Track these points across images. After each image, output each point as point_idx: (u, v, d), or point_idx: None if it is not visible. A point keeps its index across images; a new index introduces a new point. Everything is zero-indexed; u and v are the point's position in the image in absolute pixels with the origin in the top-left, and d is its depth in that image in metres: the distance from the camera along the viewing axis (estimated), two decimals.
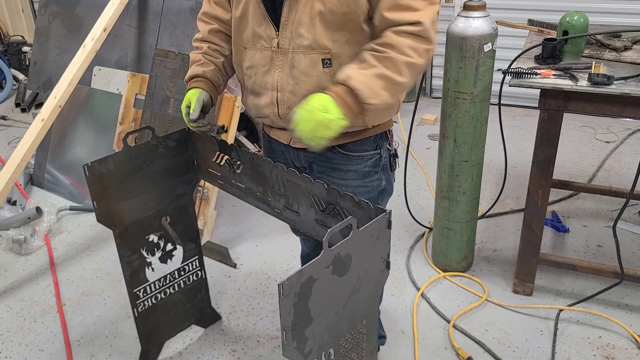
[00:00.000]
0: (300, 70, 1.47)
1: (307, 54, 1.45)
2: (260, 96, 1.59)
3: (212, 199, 2.75)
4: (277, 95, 1.53)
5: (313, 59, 1.45)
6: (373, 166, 1.65)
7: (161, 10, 3.10)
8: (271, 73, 1.52)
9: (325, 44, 1.43)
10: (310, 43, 1.44)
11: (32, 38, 3.73)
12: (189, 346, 2.22)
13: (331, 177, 1.67)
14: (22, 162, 2.70)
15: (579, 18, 2.14)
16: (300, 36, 1.44)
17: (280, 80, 1.51)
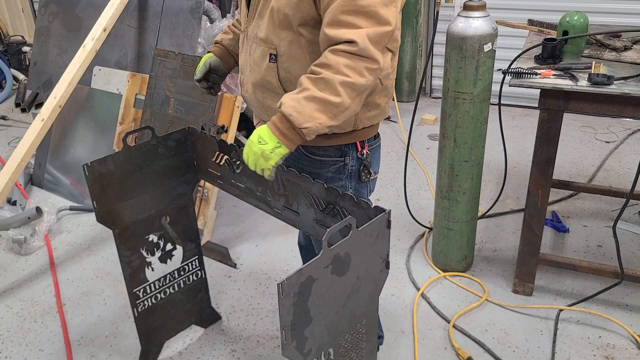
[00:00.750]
0: (254, 59, 1.57)
1: (260, 46, 1.54)
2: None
3: (212, 199, 2.75)
4: (240, 77, 1.66)
5: (263, 51, 1.53)
6: (336, 172, 1.63)
7: (161, 10, 3.10)
8: (242, 55, 1.64)
9: (274, 40, 1.49)
10: (264, 36, 1.52)
11: (32, 38, 3.73)
12: (189, 346, 2.22)
13: None
14: (22, 162, 2.70)
15: (579, 18, 2.14)
16: (258, 27, 1.53)
17: (244, 63, 1.62)
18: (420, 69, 4.45)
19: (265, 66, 1.52)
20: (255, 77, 1.56)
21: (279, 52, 1.49)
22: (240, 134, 3.45)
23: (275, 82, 1.52)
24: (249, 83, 1.60)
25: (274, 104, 1.50)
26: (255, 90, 1.58)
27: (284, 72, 1.50)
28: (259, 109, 1.64)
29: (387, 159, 3.58)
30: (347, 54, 1.33)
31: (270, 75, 1.52)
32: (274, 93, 1.54)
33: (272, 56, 1.50)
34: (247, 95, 1.64)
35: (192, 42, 3.00)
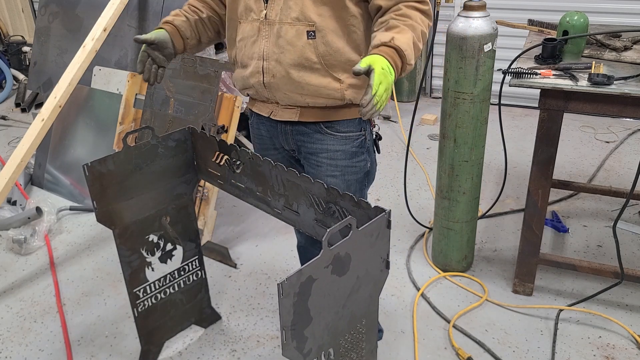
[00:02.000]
0: (286, 40, 1.57)
1: (294, 25, 1.55)
2: (247, 67, 1.68)
3: (212, 199, 2.75)
4: (262, 64, 1.63)
5: (299, 30, 1.55)
6: (359, 147, 1.73)
7: (161, 10, 3.10)
8: (258, 43, 1.62)
9: (311, 17, 1.54)
10: (298, 15, 1.54)
11: (32, 38, 3.73)
12: (189, 346, 2.22)
13: (320, 158, 1.73)
14: (22, 162, 2.70)
15: (579, 18, 2.14)
16: (289, 8, 1.55)
17: (267, 49, 1.61)
18: (420, 69, 4.45)
19: (302, 44, 1.56)
20: (291, 57, 1.57)
21: (318, 28, 1.54)
22: (240, 134, 3.45)
23: (315, 58, 1.57)
24: (279, 67, 1.60)
25: (314, 80, 1.59)
26: (290, 71, 1.59)
27: (324, 46, 1.56)
28: (292, 90, 1.63)
29: (387, 159, 3.58)
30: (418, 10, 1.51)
31: (309, 52, 1.56)
32: (312, 69, 1.59)
33: (310, 33, 1.55)
34: (273, 81, 1.63)
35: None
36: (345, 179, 1.75)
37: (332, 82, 1.60)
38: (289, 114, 1.70)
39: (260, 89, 1.68)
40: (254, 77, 1.66)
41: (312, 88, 1.60)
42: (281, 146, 1.81)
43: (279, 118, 1.72)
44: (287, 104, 1.69)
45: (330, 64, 1.58)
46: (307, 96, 1.63)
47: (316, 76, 1.59)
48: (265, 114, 1.75)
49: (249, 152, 1.69)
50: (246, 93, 1.79)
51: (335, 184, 1.73)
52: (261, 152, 1.88)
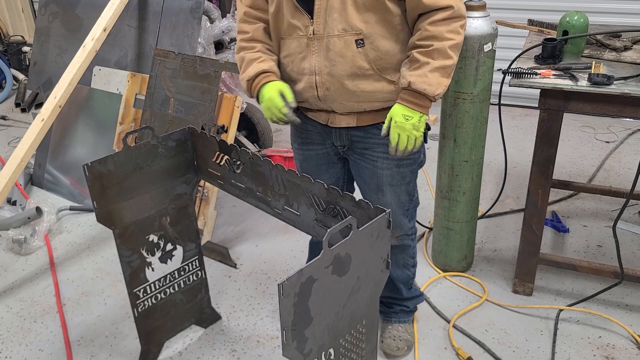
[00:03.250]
0: (336, 52, 1.58)
1: (341, 37, 1.57)
2: (298, 82, 1.69)
3: (212, 199, 2.75)
4: (315, 79, 1.64)
5: (347, 40, 1.57)
6: None
7: (161, 10, 3.10)
8: (308, 59, 1.63)
9: (357, 26, 1.56)
10: (344, 26, 1.56)
11: (32, 38, 3.73)
12: (189, 346, 2.22)
13: (375, 152, 1.76)
14: (22, 162, 2.70)
15: (579, 18, 2.14)
16: (334, 20, 1.56)
17: (318, 64, 1.62)
18: None
19: (352, 54, 1.58)
20: (344, 68, 1.60)
21: (365, 35, 1.57)
22: (240, 134, 3.45)
23: (367, 65, 1.59)
24: (332, 79, 1.62)
25: (368, 86, 1.62)
26: (345, 82, 1.61)
27: (374, 52, 1.59)
28: (348, 99, 1.65)
29: None
30: (445, 20, 1.53)
31: (360, 60, 1.59)
32: (366, 76, 1.61)
33: (358, 41, 1.57)
34: (328, 93, 1.65)
35: (192, 42, 3.00)
36: (400, 171, 1.78)
37: (386, 85, 1.63)
38: (346, 120, 1.72)
39: (315, 102, 1.70)
40: (307, 92, 1.68)
41: (367, 94, 1.63)
42: (331, 143, 1.82)
43: (337, 125, 1.74)
44: (344, 112, 1.71)
45: (382, 68, 1.61)
46: (363, 102, 1.66)
47: (370, 82, 1.62)
48: (321, 121, 1.78)
49: (249, 152, 1.69)
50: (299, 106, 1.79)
51: (391, 176, 1.78)
52: (301, 146, 1.91)
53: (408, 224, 1.94)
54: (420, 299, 2.20)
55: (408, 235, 1.97)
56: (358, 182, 1.90)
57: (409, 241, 1.99)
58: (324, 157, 1.88)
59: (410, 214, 1.93)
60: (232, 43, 3.49)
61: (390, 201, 1.83)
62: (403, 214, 1.89)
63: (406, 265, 2.04)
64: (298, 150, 1.93)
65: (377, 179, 1.80)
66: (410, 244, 2.00)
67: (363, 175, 1.84)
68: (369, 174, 1.81)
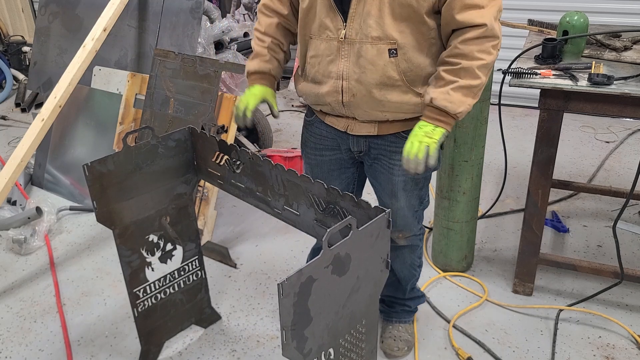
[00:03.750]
0: (367, 59, 1.55)
1: (375, 44, 1.54)
2: (322, 84, 1.66)
3: (212, 199, 2.75)
4: (342, 84, 1.61)
5: (380, 49, 1.54)
6: None
7: (161, 10, 3.10)
8: (336, 62, 1.60)
9: (393, 35, 1.53)
10: (379, 34, 1.53)
11: (32, 38, 3.73)
12: (189, 346, 2.22)
13: (392, 160, 1.74)
14: (22, 162, 2.70)
15: (579, 18, 2.14)
16: (369, 27, 1.53)
17: (346, 69, 1.59)
18: None
19: (384, 63, 1.55)
20: (373, 77, 1.57)
21: (399, 45, 1.54)
22: (240, 134, 3.45)
23: (397, 76, 1.57)
24: (360, 86, 1.59)
25: (395, 97, 1.59)
26: (373, 90, 1.59)
27: (405, 63, 1.56)
28: (372, 108, 1.63)
29: None
30: (477, 39, 1.50)
31: (391, 70, 1.56)
32: (394, 87, 1.59)
33: (392, 51, 1.54)
34: (353, 100, 1.62)
35: (192, 42, 3.00)
36: (415, 178, 1.77)
37: (413, 98, 1.61)
38: (367, 128, 1.70)
39: (338, 107, 1.67)
40: (331, 96, 1.65)
41: (393, 105, 1.61)
42: (347, 148, 1.80)
43: (356, 133, 1.72)
44: (365, 119, 1.68)
45: (411, 80, 1.59)
46: (387, 112, 1.64)
47: (398, 93, 1.59)
48: (340, 128, 1.75)
49: (249, 152, 1.69)
50: (319, 109, 1.77)
51: (404, 182, 1.77)
52: (313, 151, 1.88)
53: (417, 225, 1.93)
54: (422, 299, 2.20)
55: (417, 236, 1.96)
56: (374, 184, 1.88)
57: (418, 241, 1.99)
58: (337, 162, 1.86)
59: (419, 216, 1.93)
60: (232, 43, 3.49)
61: (403, 205, 1.82)
62: (412, 216, 1.89)
63: (413, 266, 2.04)
64: (310, 156, 1.90)
65: (392, 185, 1.79)
66: (419, 244, 2.00)
67: (379, 179, 1.82)
68: (384, 179, 1.80)
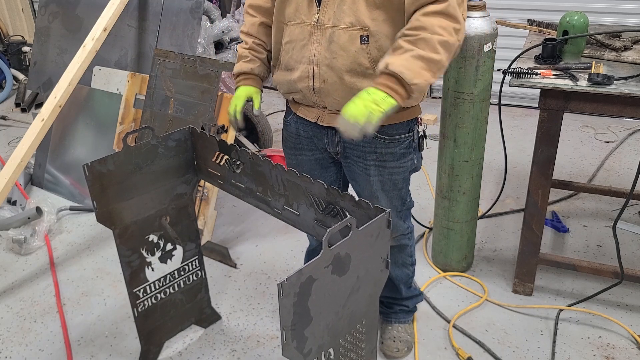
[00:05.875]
0: (339, 45, 1.56)
1: (347, 30, 1.54)
2: (294, 71, 1.66)
3: (212, 199, 2.75)
4: (313, 69, 1.61)
5: (352, 35, 1.54)
6: (407, 147, 1.76)
7: (161, 10, 3.10)
8: (308, 47, 1.60)
9: (365, 22, 1.53)
10: (352, 20, 1.53)
11: (32, 38, 3.73)
12: (189, 346, 2.22)
13: (368, 160, 1.75)
14: (22, 162, 2.70)
15: (579, 18, 2.14)
16: (342, 12, 1.53)
17: (318, 54, 1.59)
18: None
19: (355, 49, 1.55)
20: (344, 62, 1.57)
21: (371, 33, 1.53)
22: (240, 134, 3.45)
23: (368, 63, 1.57)
24: (331, 72, 1.59)
25: (365, 85, 1.54)
26: (344, 76, 1.59)
27: (377, 51, 1.55)
28: (344, 96, 1.62)
29: None
30: (438, 14, 1.45)
31: (362, 57, 1.56)
32: (365, 75, 1.58)
33: (363, 38, 1.54)
34: (324, 86, 1.62)
35: (192, 42, 3.00)
36: (392, 178, 1.78)
37: None
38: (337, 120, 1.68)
39: (309, 94, 1.67)
40: (302, 82, 1.65)
41: None
42: (323, 148, 1.81)
43: (327, 124, 1.72)
44: (336, 110, 1.67)
45: None
46: None
47: (368, 81, 1.57)
48: (311, 119, 1.75)
49: (249, 152, 1.69)
50: (291, 98, 1.77)
51: (382, 182, 1.78)
52: (293, 151, 1.88)
53: (403, 224, 1.94)
54: (419, 298, 2.20)
55: (405, 235, 1.97)
56: (353, 185, 1.88)
57: (406, 240, 2.00)
58: (316, 162, 1.87)
59: (404, 215, 1.93)
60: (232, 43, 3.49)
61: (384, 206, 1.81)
62: (397, 216, 1.90)
63: (405, 265, 2.04)
64: (291, 156, 1.91)
65: (370, 186, 1.80)
66: (407, 243, 2.01)
67: (357, 180, 1.83)
68: (362, 180, 1.81)
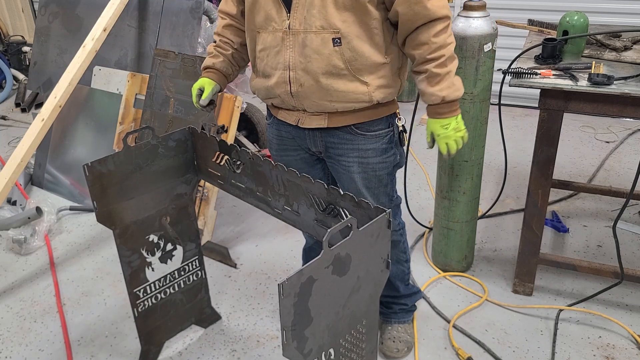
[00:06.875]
0: (312, 49, 1.58)
1: (319, 34, 1.56)
2: (271, 77, 1.68)
3: (212, 199, 2.75)
4: (289, 74, 1.63)
5: (324, 38, 1.57)
6: (388, 142, 1.78)
7: (161, 10, 3.10)
8: (282, 53, 1.62)
9: (336, 24, 1.55)
10: (322, 23, 1.55)
11: (32, 38, 3.73)
12: (189, 346, 2.22)
13: (350, 157, 1.76)
14: (22, 162, 2.70)
15: (579, 18, 2.14)
16: (312, 17, 1.55)
17: (292, 59, 1.61)
18: None
19: (328, 52, 1.58)
20: (319, 65, 1.59)
21: (343, 34, 1.56)
22: (240, 134, 3.45)
23: (342, 64, 1.59)
24: (307, 76, 1.61)
25: (342, 86, 1.62)
26: (320, 79, 1.61)
27: (350, 52, 1.58)
28: (321, 98, 1.64)
29: None
30: (444, 29, 1.58)
31: (336, 59, 1.58)
32: (340, 76, 1.61)
33: (335, 40, 1.56)
34: (301, 90, 1.63)
35: (192, 42, 3.00)
36: (376, 174, 1.79)
37: (360, 86, 1.63)
38: (317, 120, 1.71)
39: (287, 98, 1.69)
40: (279, 88, 1.67)
41: (340, 94, 1.63)
42: (306, 148, 1.82)
43: (307, 126, 1.73)
44: (315, 111, 1.69)
45: (356, 69, 1.61)
46: (335, 102, 1.65)
47: (344, 82, 1.61)
48: (292, 122, 1.76)
49: (249, 152, 1.69)
50: (270, 103, 1.79)
51: (367, 179, 1.79)
52: (278, 152, 1.90)
53: (394, 221, 1.95)
54: (418, 295, 2.20)
55: (396, 231, 1.98)
56: (340, 185, 1.88)
57: (398, 236, 2.00)
58: (302, 161, 1.87)
59: (393, 212, 1.93)
60: None
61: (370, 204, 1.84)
62: None
63: (399, 261, 2.04)
64: (277, 157, 1.92)
65: (354, 183, 1.80)
66: (399, 239, 2.01)
67: (341, 179, 1.84)
68: (346, 179, 1.82)
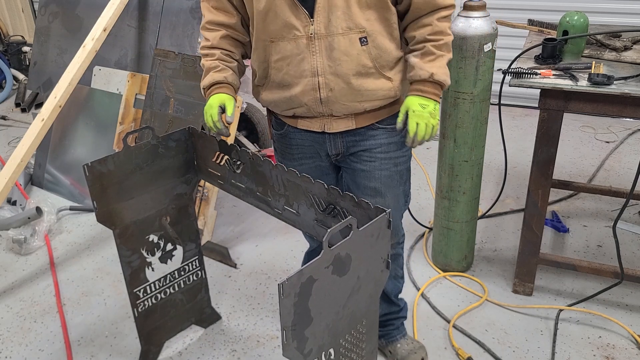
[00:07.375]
0: (341, 51, 1.56)
1: (346, 35, 1.55)
2: (293, 86, 1.63)
3: (212, 199, 2.75)
4: (318, 80, 1.59)
5: (351, 39, 1.56)
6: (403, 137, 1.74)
7: (161, 10, 3.10)
8: (308, 60, 1.58)
9: (361, 24, 1.55)
10: (348, 24, 1.55)
11: (32, 38, 3.73)
12: (189, 346, 2.22)
13: (374, 153, 1.74)
14: (22, 162, 2.70)
15: (579, 18, 2.14)
16: (338, 19, 1.54)
17: (320, 64, 1.58)
18: None
19: (357, 52, 1.57)
20: (349, 67, 1.58)
21: (368, 33, 1.56)
22: (240, 134, 3.45)
23: (370, 63, 1.59)
24: (337, 79, 1.59)
25: (371, 84, 1.61)
26: (351, 80, 1.59)
27: (375, 50, 1.59)
28: (351, 100, 1.63)
29: None
30: (447, 17, 1.60)
31: (364, 58, 1.58)
32: (369, 74, 1.61)
33: (362, 39, 1.56)
34: (331, 94, 1.60)
35: (192, 42, 2.99)
36: (398, 170, 1.79)
37: (386, 83, 1.64)
38: (344, 123, 1.68)
39: (315, 105, 1.64)
40: (307, 95, 1.62)
41: (370, 93, 1.63)
42: (325, 153, 1.76)
43: (334, 130, 1.69)
44: (342, 114, 1.67)
45: (381, 65, 1.61)
46: (365, 102, 1.64)
47: (372, 80, 1.61)
48: (316, 129, 1.70)
49: (249, 152, 1.69)
50: (292, 113, 1.70)
51: (389, 177, 1.78)
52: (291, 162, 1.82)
53: (402, 230, 1.93)
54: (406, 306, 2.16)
55: (399, 244, 1.96)
56: (352, 189, 1.82)
57: (400, 250, 1.98)
58: (317, 169, 1.81)
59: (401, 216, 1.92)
60: None
61: (389, 203, 1.80)
62: (399, 217, 1.89)
63: (397, 277, 2.02)
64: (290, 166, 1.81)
65: (375, 181, 1.76)
66: (401, 252, 1.99)
67: (358, 180, 1.78)
68: (365, 177, 1.76)
